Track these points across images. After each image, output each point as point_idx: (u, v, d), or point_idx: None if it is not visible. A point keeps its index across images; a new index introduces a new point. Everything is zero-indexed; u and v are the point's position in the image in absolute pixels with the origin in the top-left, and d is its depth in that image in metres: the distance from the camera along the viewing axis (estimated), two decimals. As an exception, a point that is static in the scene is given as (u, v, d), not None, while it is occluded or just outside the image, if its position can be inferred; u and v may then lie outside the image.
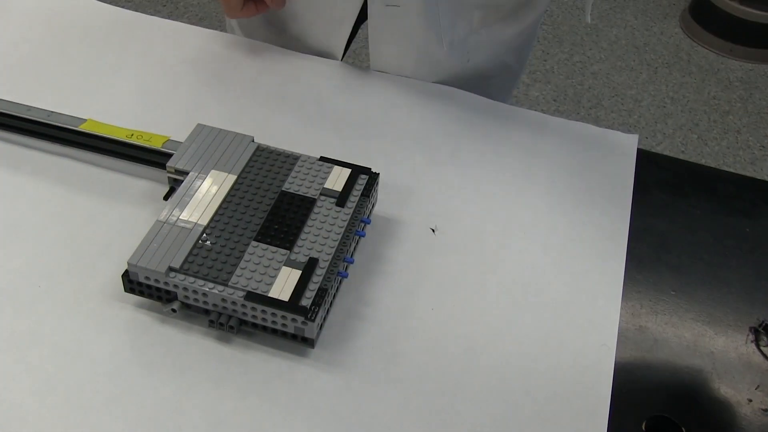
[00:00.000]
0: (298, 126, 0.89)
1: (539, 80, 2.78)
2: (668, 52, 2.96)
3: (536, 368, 0.68)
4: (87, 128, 0.81)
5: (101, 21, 1.01)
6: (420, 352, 0.68)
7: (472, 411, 0.64)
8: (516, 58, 1.08)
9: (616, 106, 2.70)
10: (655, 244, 0.80)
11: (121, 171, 0.82)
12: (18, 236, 0.75)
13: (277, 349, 0.67)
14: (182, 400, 0.63)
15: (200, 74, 0.94)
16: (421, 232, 0.78)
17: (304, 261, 0.67)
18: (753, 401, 0.67)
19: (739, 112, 2.72)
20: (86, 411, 0.62)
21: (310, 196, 0.73)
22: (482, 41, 0.99)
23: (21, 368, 0.65)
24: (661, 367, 0.70)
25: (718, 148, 2.57)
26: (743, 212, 0.84)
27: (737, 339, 0.72)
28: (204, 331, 0.68)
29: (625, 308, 0.73)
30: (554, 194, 0.83)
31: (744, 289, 0.77)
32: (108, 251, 0.74)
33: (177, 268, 0.66)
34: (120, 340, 0.67)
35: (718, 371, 0.70)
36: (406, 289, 0.73)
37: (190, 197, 0.72)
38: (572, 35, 2.99)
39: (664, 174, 0.88)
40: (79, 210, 0.78)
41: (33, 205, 0.78)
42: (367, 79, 0.96)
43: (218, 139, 0.79)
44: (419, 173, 0.84)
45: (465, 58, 0.99)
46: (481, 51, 1.00)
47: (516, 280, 0.75)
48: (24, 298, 0.70)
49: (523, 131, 0.91)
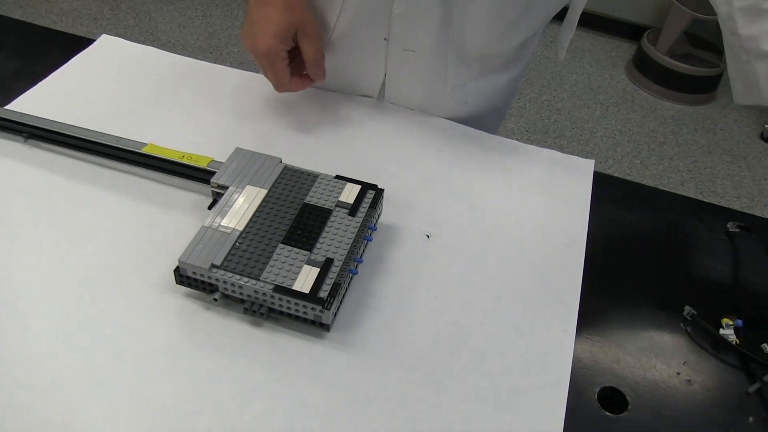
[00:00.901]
0: (318, 150, 0.88)
1: (514, 115, 2.77)
2: (617, 94, 2.96)
3: (511, 349, 0.67)
4: (148, 151, 0.81)
5: (161, 65, 1.01)
6: (416, 335, 0.68)
7: (458, 384, 0.64)
8: (504, 102, 1.07)
9: (575, 137, 2.69)
10: (607, 248, 0.79)
11: (174, 185, 0.82)
12: (94, 237, 0.75)
13: (299, 332, 0.67)
14: (221, 372, 0.63)
15: (239, 108, 0.93)
16: (418, 238, 0.78)
17: (321, 260, 0.66)
18: (680, 374, 0.67)
19: (672, 143, 2.71)
20: (146, 379, 0.62)
21: (327, 207, 0.72)
22: (479, 88, 0.98)
23: (94, 343, 0.65)
24: (611, 348, 0.69)
25: (655, 172, 2.57)
26: (676, 223, 0.84)
27: (672, 325, 0.72)
28: (240, 317, 0.68)
29: (584, 301, 0.72)
30: (527, 206, 0.82)
31: (678, 284, 0.76)
32: (163, 250, 0.73)
33: (218, 265, 0.65)
34: (172, 323, 0.67)
35: (655, 350, 0.69)
36: (405, 284, 0.72)
37: (229, 207, 0.72)
38: (541, 78, 2.99)
39: (614, 192, 0.87)
40: (141, 216, 0.77)
41: (106, 212, 0.78)
42: (379, 110, 0.95)
43: (252, 160, 0.78)
44: (417, 189, 0.84)
45: (463, 100, 0.97)
46: (478, 96, 0.98)
47: (495, 277, 0.74)
48: (97, 287, 0.70)
49: (503, 156, 0.90)
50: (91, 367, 0.63)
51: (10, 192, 0.79)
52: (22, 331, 0.65)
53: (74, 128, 0.83)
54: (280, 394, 0.62)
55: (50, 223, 0.76)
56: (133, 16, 3.15)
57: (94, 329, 0.66)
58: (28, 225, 0.75)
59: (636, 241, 0.81)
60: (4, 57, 1.02)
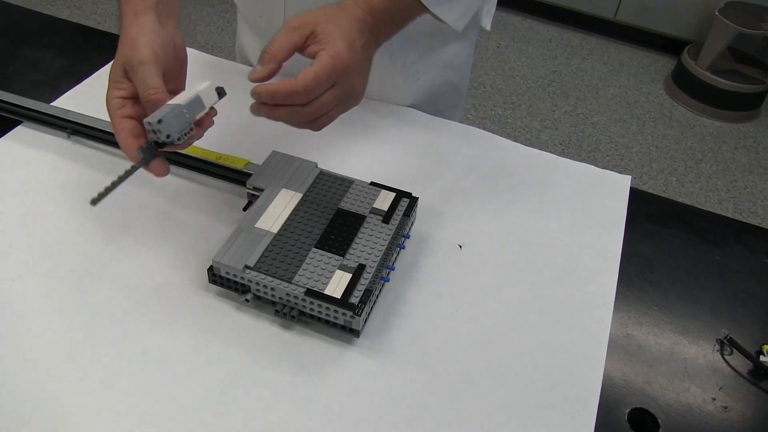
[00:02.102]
0: (354, 156, 0.88)
1: (548, 127, 2.76)
2: (654, 109, 2.93)
3: (539, 363, 0.66)
4: (185, 150, 0.81)
5: (199, 67, 1.02)
6: (445, 344, 0.67)
7: (484, 395, 0.63)
8: (460, 78, 1.08)
9: (610, 151, 2.67)
10: (642, 265, 0.78)
11: (210, 186, 0.83)
12: (129, 233, 0.76)
13: (329, 337, 0.67)
14: (250, 372, 0.63)
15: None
16: (450, 247, 0.77)
17: (354, 266, 0.67)
18: (716, 400, 0.66)
19: (710, 161, 2.68)
20: (175, 376, 0.63)
21: (361, 214, 0.73)
22: (428, 63, 0.99)
23: (125, 338, 0.66)
24: (643, 368, 0.68)
25: (692, 189, 2.54)
26: (713, 243, 0.82)
27: (706, 348, 0.71)
28: (270, 319, 0.68)
29: (615, 318, 0.72)
30: (561, 220, 0.82)
31: (713, 306, 0.75)
32: (196, 249, 0.74)
33: (251, 266, 0.66)
34: (203, 322, 0.67)
35: (689, 374, 0.68)
36: (436, 293, 0.72)
37: (264, 210, 0.72)
38: (576, 91, 2.97)
39: (650, 208, 0.86)
40: (176, 215, 0.78)
41: (142, 209, 0.79)
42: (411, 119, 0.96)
43: (288, 164, 0.78)
44: (451, 198, 0.84)
45: (415, 77, 0.99)
46: (429, 70, 1.00)
47: (526, 290, 0.73)
48: (131, 282, 0.71)
49: (537, 168, 0.89)
50: (120, 362, 0.63)
51: (52, 185, 0.81)
52: (57, 324, 0.66)
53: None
54: (306, 398, 0.62)
55: (87, 217, 0.77)
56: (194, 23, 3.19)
57: (125, 324, 0.67)
58: (66, 218, 0.77)
59: (672, 260, 0.80)
60: (51, 56, 1.04)
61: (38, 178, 0.82)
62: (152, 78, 0.64)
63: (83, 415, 0.59)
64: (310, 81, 0.64)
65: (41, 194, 0.80)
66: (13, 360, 0.63)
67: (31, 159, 0.84)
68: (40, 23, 1.14)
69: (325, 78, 0.65)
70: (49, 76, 1.00)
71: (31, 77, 1.00)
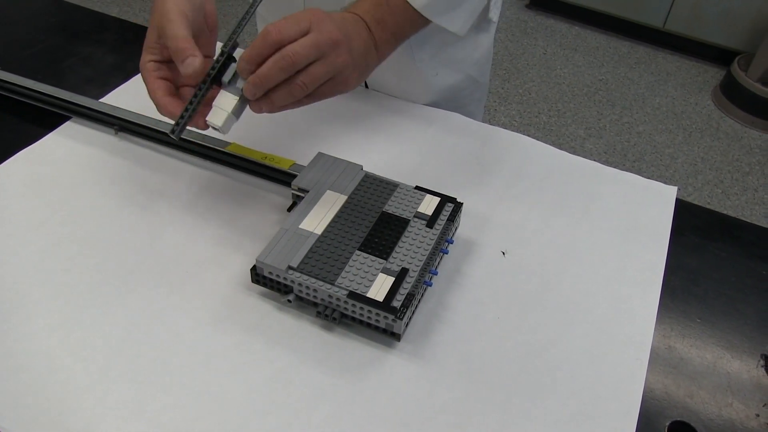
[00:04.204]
0: (399, 160, 0.89)
1: (593, 135, 2.74)
2: (701, 120, 2.90)
3: (580, 373, 0.67)
4: (231, 150, 0.83)
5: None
6: (486, 352, 0.68)
7: (525, 403, 0.64)
8: (480, 72, 1.09)
9: (655, 162, 2.64)
10: (686, 278, 0.78)
11: (255, 185, 0.84)
12: (173, 230, 0.78)
13: (370, 340, 0.68)
14: (291, 372, 0.64)
15: (322, 112, 0.95)
16: (494, 254, 0.78)
17: (397, 270, 0.67)
18: (760, 416, 0.65)
19: (758, 174, 2.64)
20: (217, 374, 0.64)
21: (405, 217, 0.73)
22: (445, 58, 1.01)
23: (169, 336, 0.67)
24: (684, 381, 0.68)
25: (738, 202, 2.50)
26: (761, 257, 0.82)
27: (750, 363, 0.70)
28: (312, 320, 0.69)
29: (658, 330, 0.72)
30: (605, 230, 0.82)
31: (758, 321, 0.74)
32: (240, 249, 0.75)
33: (295, 267, 0.67)
34: (245, 321, 0.69)
35: (732, 389, 0.67)
36: (479, 300, 0.73)
37: (309, 211, 0.73)
38: (623, 100, 2.95)
39: (696, 221, 0.86)
40: (220, 213, 0.80)
41: (186, 207, 0.80)
42: (463, 126, 0.96)
43: (334, 166, 0.79)
44: (495, 205, 0.84)
45: (434, 72, 1.00)
46: (447, 66, 1.01)
47: (569, 300, 0.73)
48: (174, 279, 0.72)
49: (583, 177, 0.89)
50: (164, 358, 0.65)
51: (99, 180, 0.83)
52: (103, 319, 0.68)
53: (162, 123, 0.86)
54: (347, 400, 0.63)
55: (133, 212, 0.79)
56: (221, 17, 3.23)
57: (168, 321, 0.68)
58: (113, 214, 0.79)
59: (717, 273, 0.79)
60: (102, 52, 1.07)
61: (86, 174, 0.84)
62: (181, 30, 0.67)
63: (127, 410, 0.61)
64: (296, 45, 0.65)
65: (89, 189, 0.82)
66: (60, 352, 0.65)
67: (79, 154, 0.87)
68: (92, 20, 1.17)
69: (310, 44, 0.66)
70: (99, 73, 1.02)
71: (84, 73, 1.02)
